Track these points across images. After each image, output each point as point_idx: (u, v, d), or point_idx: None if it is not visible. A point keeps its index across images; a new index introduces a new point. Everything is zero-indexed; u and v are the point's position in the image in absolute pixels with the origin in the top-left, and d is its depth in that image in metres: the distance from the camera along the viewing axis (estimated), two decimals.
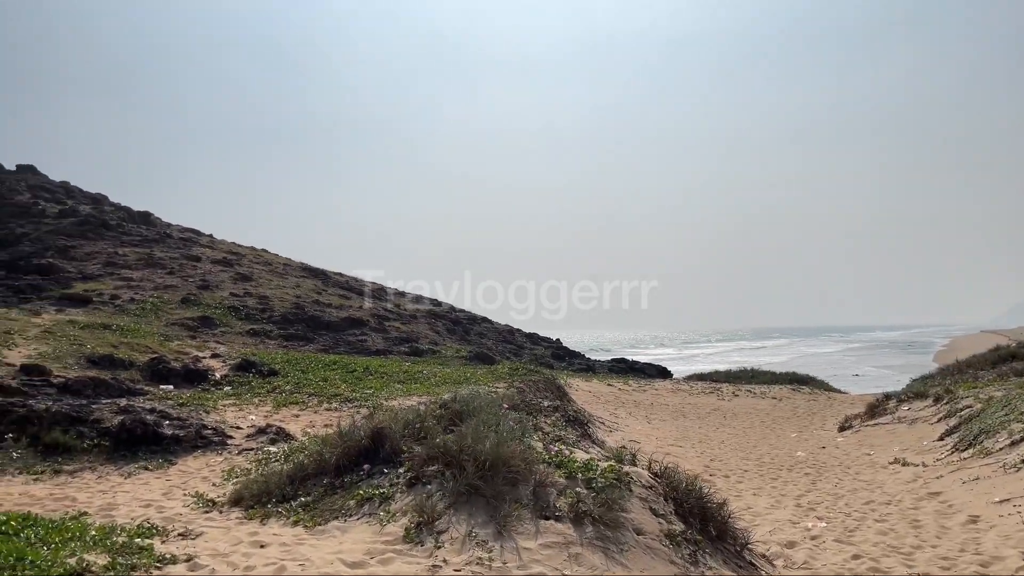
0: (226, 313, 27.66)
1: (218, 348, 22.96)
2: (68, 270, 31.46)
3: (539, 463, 8.01)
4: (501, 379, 22.21)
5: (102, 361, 17.16)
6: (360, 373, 21.23)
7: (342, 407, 16.98)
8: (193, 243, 45.35)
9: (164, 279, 32.02)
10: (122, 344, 19.30)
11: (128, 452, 12.41)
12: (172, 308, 26.86)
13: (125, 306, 25.72)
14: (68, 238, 38.31)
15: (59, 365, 16.22)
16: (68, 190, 57.97)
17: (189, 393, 16.95)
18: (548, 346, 49.89)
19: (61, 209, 46.86)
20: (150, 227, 49.15)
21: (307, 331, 28.33)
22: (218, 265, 37.49)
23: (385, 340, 29.83)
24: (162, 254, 37.72)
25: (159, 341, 21.35)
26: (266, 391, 18.23)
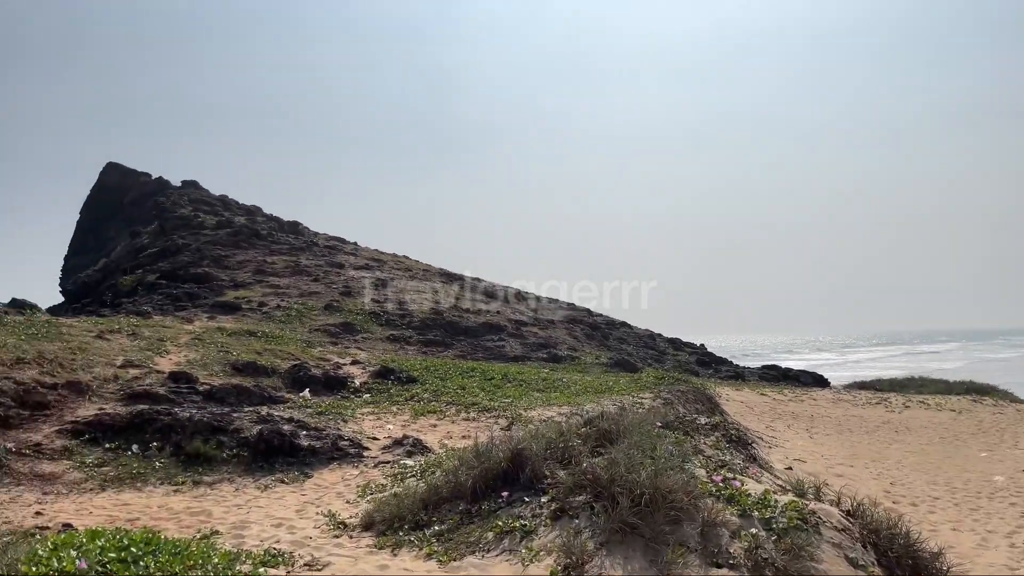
0: (367, 319, 27.97)
1: (358, 354, 23.04)
2: (221, 278, 33.02)
3: (705, 496, 6.83)
4: (646, 389, 20.92)
5: (245, 368, 17.38)
6: (498, 380, 20.58)
7: (480, 417, 16.32)
8: (337, 251, 46.78)
9: (309, 286, 32.97)
10: (266, 351, 19.61)
11: (265, 463, 12.22)
12: (315, 314, 27.43)
13: (271, 313, 26.49)
14: (223, 248, 40.36)
15: (205, 372, 16.52)
16: (225, 203, 61.69)
17: (328, 401, 16.84)
18: (692, 352, 47.75)
19: (218, 220, 49.71)
20: (298, 236, 51.24)
21: (445, 336, 28.18)
22: (360, 271, 38.33)
23: (523, 346, 29.22)
24: (308, 262, 38.99)
25: (301, 348, 21.62)
26: (404, 399, 17.89)
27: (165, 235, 46.92)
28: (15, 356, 13.97)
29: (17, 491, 10.06)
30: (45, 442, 12.01)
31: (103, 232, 71.71)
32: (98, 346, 16.51)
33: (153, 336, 18.87)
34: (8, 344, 14.49)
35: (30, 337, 15.70)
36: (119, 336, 18.16)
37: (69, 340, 16.19)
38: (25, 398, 12.97)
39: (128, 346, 17.32)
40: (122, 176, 78.42)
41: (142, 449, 12.30)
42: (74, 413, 13.23)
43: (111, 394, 14.22)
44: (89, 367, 14.88)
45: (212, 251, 39.04)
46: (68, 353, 15.13)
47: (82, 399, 13.80)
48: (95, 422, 12.69)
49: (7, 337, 15.19)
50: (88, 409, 13.44)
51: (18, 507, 9.40)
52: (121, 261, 47.25)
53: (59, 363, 14.46)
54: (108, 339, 17.48)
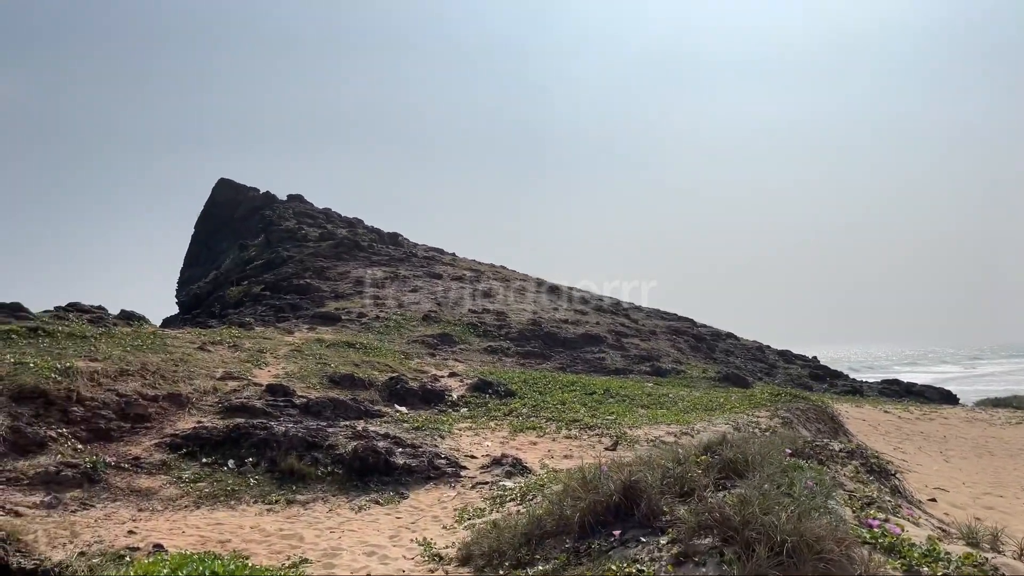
0: (465, 330, 27.58)
1: (456, 366, 22.58)
2: (323, 289, 33.43)
3: (859, 545, 5.76)
4: (760, 406, 19.52)
5: (343, 380, 17.13)
6: (600, 395, 19.65)
7: (582, 435, 15.46)
8: (436, 261, 46.89)
9: (407, 296, 32.97)
10: (364, 362, 19.37)
11: (360, 482, 11.76)
12: (414, 325, 27.25)
13: (371, 324, 26.47)
14: (325, 259, 41.03)
15: (303, 384, 16.34)
16: (328, 215, 63.17)
17: (425, 415, 16.36)
18: (803, 364, 45.25)
19: (320, 233, 50.76)
20: (398, 247, 51.74)
21: (544, 348, 27.44)
22: (458, 282, 38.15)
23: (624, 358, 28.13)
24: (407, 272, 39.13)
25: (399, 359, 21.33)
26: (503, 414, 17.23)
27: (271, 247, 48.23)
28: (119, 368, 14.08)
29: (113, 507, 9.91)
30: (144, 455, 11.94)
31: (215, 245, 74.86)
32: (200, 358, 16.59)
33: (253, 348, 18.94)
34: (113, 356, 14.66)
35: (135, 349, 15.91)
36: (221, 348, 18.28)
37: (172, 352, 16.33)
38: (127, 411, 13.00)
39: (229, 358, 17.37)
40: (232, 191, 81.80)
41: (238, 464, 12.07)
42: (174, 426, 13.18)
43: (210, 407, 14.15)
44: (190, 379, 14.89)
45: (314, 263, 39.73)
46: (170, 365, 15.20)
47: (182, 412, 13.77)
48: (193, 436, 12.57)
49: (113, 348, 15.41)
50: (187, 422, 13.37)
51: (112, 524, 9.20)
52: (230, 273, 48.87)
53: (161, 375, 14.51)
54: (210, 351, 17.60)
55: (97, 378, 13.50)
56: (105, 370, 13.88)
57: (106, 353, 14.82)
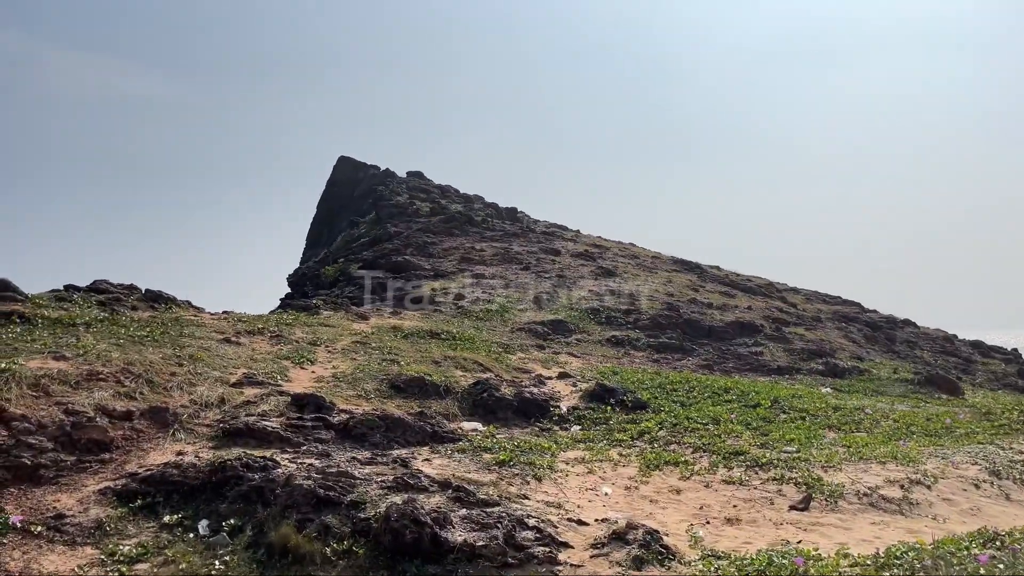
0: (583, 316, 22.63)
1: (569, 363, 17.69)
2: (422, 267, 29.36)
3: None
4: (1012, 431, 13.53)
5: (409, 386, 12.63)
6: (766, 409, 14.23)
7: (750, 477, 10.29)
8: (555, 236, 42.06)
9: (517, 275, 28.36)
10: (446, 359, 14.84)
11: (389, 572, 7.16)
12: (520, 310, 22.56)
13: (468, 308, 22.02)
14: (432, 235, 37.13)
15: (351, 392, 11.95)
16: (444, 190, 59.60)
17: (518, 438, 11.63)
18: (1004, 358, 37.15)
19: (432, 208, 47.05)
20: (515, 222, 47.29)
21: (683, 339, 22.07)
22: (579, 259, 33.15)
23: (788, 353, 22.30)
24: (520, 248, 34.54)
25: (494, 355, 16.66)
26: (630, 437, 12.26)
27: (379, 224, 44.99)
28: (88, 370, 10.12)
29: None
30: (74, 510, 7.84)
31: (335, 225, 73.32)
32: (220, 353, 12.56)
33: (304, 339, 14.81)
34: (91, 352, 10.76)
35: (135, 340, 12.04)
36: (257, 339, 14.24)
37: (184, 345, 12.37)
38: (74, 436, 8.97)
39: (262, 353, 13.27)
40: (353, 169, 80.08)
41: (212, 528, 7.78)
42: (142, 459, 9.05)
43: (206, 427, 9.97)
44: (190, 385, 10.78)
45: (419, 238, 35.84)
46: (170, 365, 11.17)
47: (163, 434, 9.65)
48: (158, 477, 8.38)
49: (101, 340, 11.55)
50: (162, 453, 9.22)
51: None
52: (338, 252, 46.10)
53: (147, 380, 10.47)
54: (239, 343, 13.58)
55: (48, 385, 9.56)
56: (66, 373, 9.94)
57: (83, 348, 10.91)
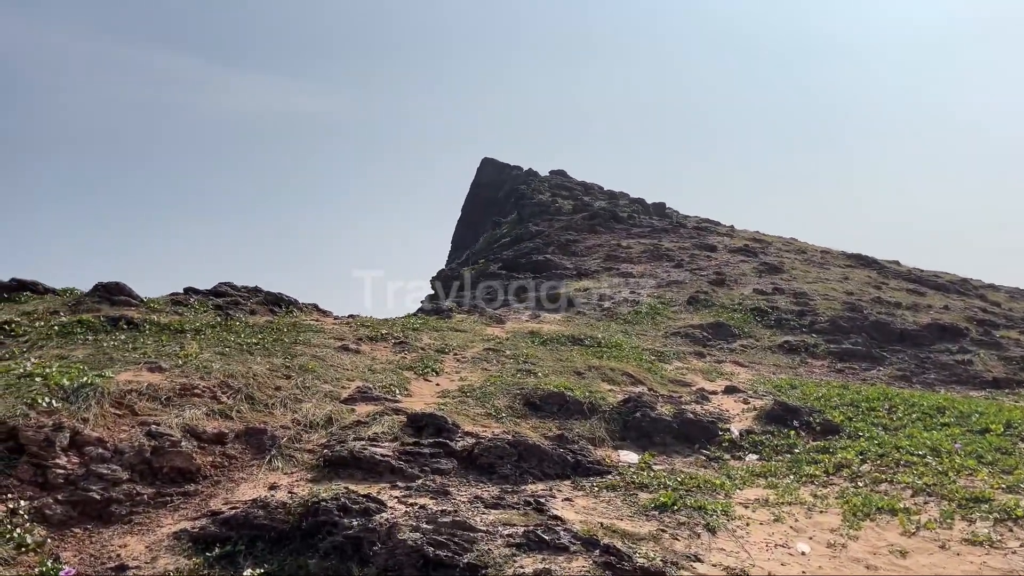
0: (748, 317, 19.92)
1: (736, 374, 15.21)
2: (565, 266, 27.49)
3: None
4: None
5: (546, 402, 10.72)
6: (999, 436, 11.23)
7: (1002, 535, 7.63)
8: (708, 232, 39.04)
9: (669, 273, 25.87)
10: (590, 370, 12.83)
11: None
12: (674, 311, 20.14)
13: (615, 309, 19.88)
14: (575, 232, 35.25)
15: (479, 410, 10.18)
16: (587, 188, 57.66)
17: (684, 470, 9.46)
18: None
19: (575, 205, 45.25)
20: (663, 218, 44.59)
21: (871, 345, 18.88)
22: (738, 255, 30.14)
23: (1004, 362, 18.58)
24: (670, 244, 31.95)
25: (647, 364, 14.47)
26: (823, 471, 9.79)
27: (521, 223, 43.65)
28: (182, 383, 8.90)
29: None
30: (139, 560, 6.47)
31: (478, 227, 73.12)
32: (335, 363, 11.17)
33: (431, 345, 13.26)
34: (195, 360, 9.58)
35: (243, 348, 10.86)
36: (379, 346, 12.81)
37: (296, 354, 11.08)
38: (156, 464, 7.69)
39: (381, 363, 11.79)
40: (496, 170, 79.72)
41: None
42: (231, 492, 7.64)
43: (307, 453, 8.48)
44: (295, 401, 9.38)
45: (561, 236, 34.05)
46: (276, 377, 9.84)
47: (258, 461, 8.24)
48: (241, 520, 6.90)
49: (206, 348, 10.41)
50: (254, 485, 7.78)
51: None
52: (480, 253, 45.22)
53: (247, 395, 9.15)
54: (358, 350, 12.17)
55: (134, 402, 8.37)
56: (157, 387, 8.75)
57: (184, 358, 9.76)
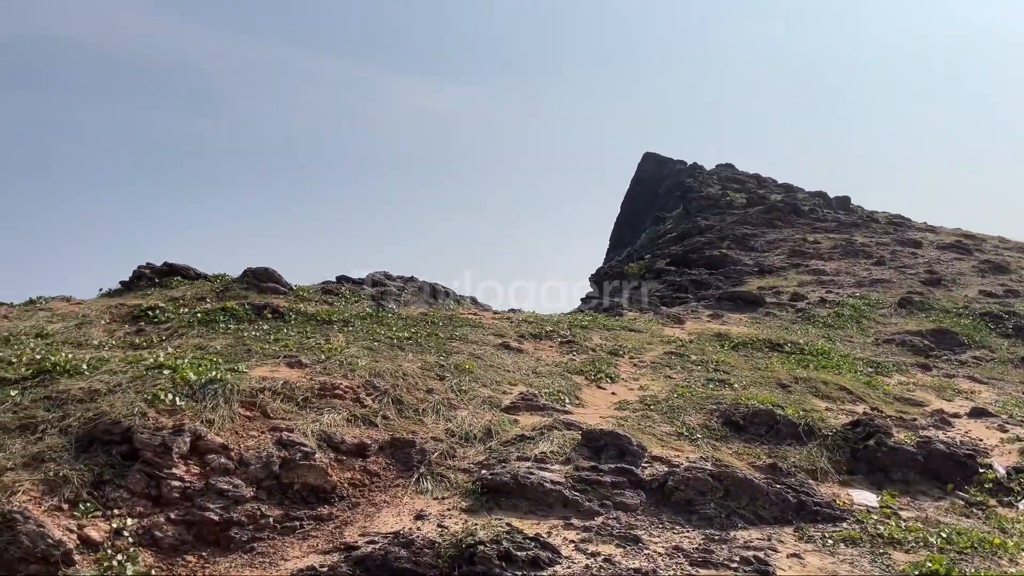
0: (977, 324, 16.72)
1: (977, 392, 12.43)
2: (744, 262, 24.90)
3: None
4: None
5: (750, 423, 8.70)
6: None
7: None
8: (905, 227, 34.77)
9: (870, 271, 22.70)
10: (796, 382, 10.64)
11: None
12: (883, 315, 17.26)
13: (811, 311, 17.28)
14: (750, 227, 32.35)
15: (667, 428, 8.34)
16: (760, 180, 53.91)
17: (939, 519, 7.20)
18: None
19: (748, 198, 42.02)
20: (848, 212, 40.48)
21: None
22: (949, 252, 26.26)
23: None
24: (865, 240, 28.45)
25: (863, 376, 12.00)
26: None
27: (688, 218, 41.05)
28: (323, 382, 7.69)
29: None
30: None
31: (638, 224, 70.66)
32: (495, 363, 9.72)
33: (602, 346, 11.54)
34: (339, 355, 8.41)
35: (393, 343, 9.63)
36: (544, 344, 11.22)
37: (452, 351, 9.73)
38: (285, 479, 6.45)
39: (547, 365, 10.18)
40: (657, 165, 76.76)
41: None
42: (370, 519, 6.30)
43: (462, 473, 7.01)
44: (449, 408, 7.97)
45: (736, 230, 31.31)
46: (428, 377, 8.49)
47: (403, 480, 6.85)
48: (378, 561, 5.50)
49: (353, 342, 9.23)
50: (398, 511, 6.40)
51: None
52: (642, 250, 43.01)
53: (395, 398, 7.86)
54: (520, 349, 10.63)
55: (266, 403, 7.23)
56: (293, 386, 7.60)
57: (327, 352, 8.61)
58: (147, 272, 12.29)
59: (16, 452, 6.25)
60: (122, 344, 9.00)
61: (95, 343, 8.95)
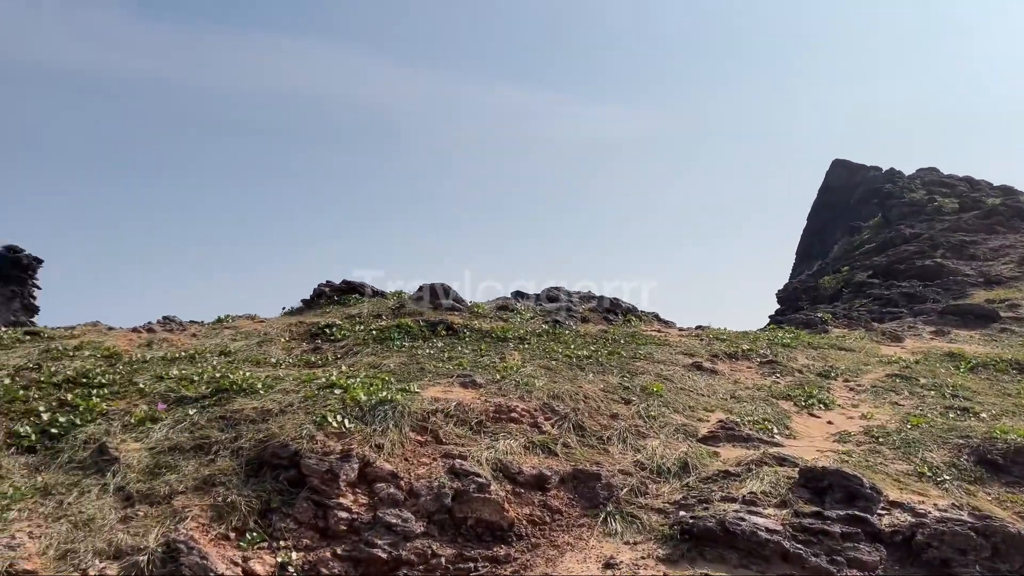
0: None
1: None
2: (964, 272, 22.01)
3: None
4: None
5: (1013, 461, 7.09)
6: None
7: None
8: None
9: None
10: None
11: None
12: None
13: None
14: (966, 233, 28.88)
15: (902, 466, 6.95)
16: (972, 183, 48.56)
17: None
18: None
19: (960, 203, 37.74)
20: None
21: None
22: None
23: None
24: None
25: None
26: None
27: (888, 226, 37.47)
28: (499, 404, 7.08)
29: None
30: None
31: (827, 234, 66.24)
32: (686, 385, 8.68)
33: (810, 367, 10.13)
34: (516, 375, 7.79)
35: (572, 362, 8.85)
36: (741, 365, 9.98)
37: (635, 372, 8.83)
38: (457, 513, 5.84)
39: (747, 388, 8.96)
40: (849, 173, 71.63)
41: None
42: (552, 564, 5.53)
43: (656, 513, 6.07)
44: (638, 436, 7.08)
45: (949, 238, 27.96)
46: (612, 401, 7.66)
47: (587, 519, 6.03)
48: None
49: (530, 360, 8.56)
50: (583, 557, 5.60)
51: None
52: (836, 262, 39.77)
53: (575, 423, 7.08)
54: (714, 370, 9.48)
55: (438, 426, 6.68)
56: (467, 408, 7.03)
57: (503, 371, 8.01)
58: (326, 290, 12.37)
59: (188, 474, 6.06)
60: (298, 362, 8.85)
61: (273, 361, 8.86)
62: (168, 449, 6.46)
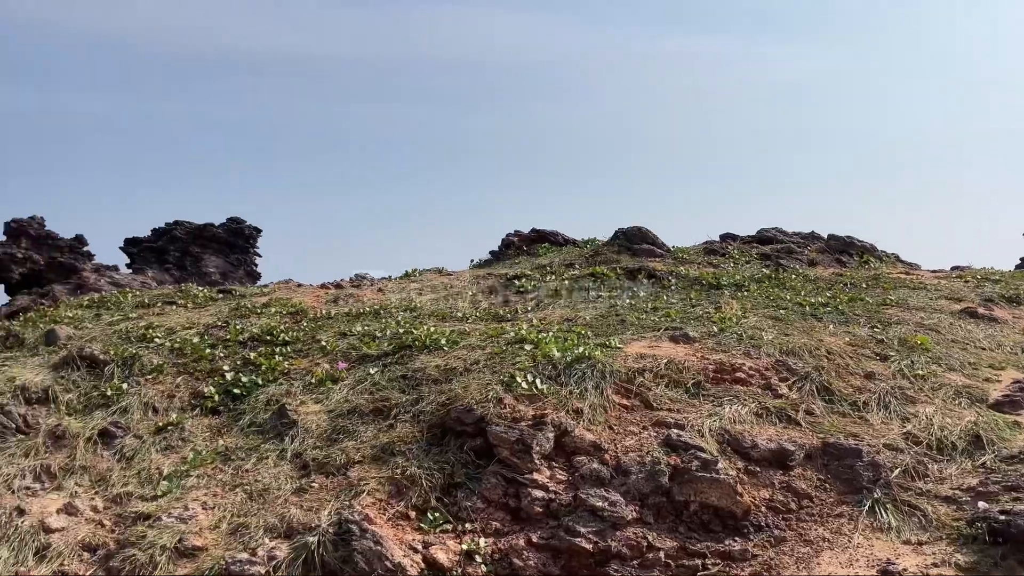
0: None
1: None
2: None
3: None
4: None
5: None
6: None
7: None
8: None
9: None
10: None
11: None
12: None
13: None
14: None
15: None
16: None
17: None
18: None
19: None
20: None
21: None
22: None
23: None
24: None
25: None
26: None
27: None
28: (719, 361, 5.89)
29: None
30: None
31: None
32: (960, 336, 7.02)
33: None
34: (737, 326, 6.56)
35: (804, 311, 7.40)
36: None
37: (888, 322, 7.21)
38: (677, 496, 4.73)
39: None
40: None
41: None
42: (804, 567, 4.27)
43: (943, 502, 4.67)
44: (905, 402, 5.64)
45: None
46: (861, 358, 6.23)
47: (847, 506, 4.72)
48: None
49: (751, 310, 7.25)
50: (847, 560, 4.32)
51: None
52: None
53: (820, 385, 5.79)
54: (992, 318, 7.59)
55: (646, 388, 5.62)
56: (680, 366, 5.91)
57: (721, 323, 6.79)
58: (515, 240, 11.58)
59: (366, 441, 5.40)
60: (485, 316, 8.07)
61: (459, 315, 8.14)
62: (347, 412, 5.87)
